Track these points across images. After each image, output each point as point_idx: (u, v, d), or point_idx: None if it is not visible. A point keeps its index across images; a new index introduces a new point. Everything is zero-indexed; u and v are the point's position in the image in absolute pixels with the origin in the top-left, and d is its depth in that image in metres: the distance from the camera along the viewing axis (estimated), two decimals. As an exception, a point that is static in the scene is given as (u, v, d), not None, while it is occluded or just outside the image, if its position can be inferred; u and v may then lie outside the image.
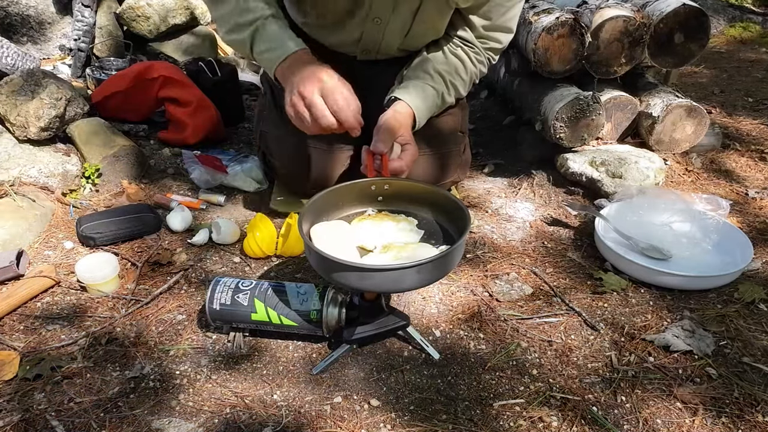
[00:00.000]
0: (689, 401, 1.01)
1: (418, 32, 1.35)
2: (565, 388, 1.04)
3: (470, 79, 1.43)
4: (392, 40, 1.36)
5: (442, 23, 1.35)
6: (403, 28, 1.33)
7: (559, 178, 1.75)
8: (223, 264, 1.36)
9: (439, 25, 1.35)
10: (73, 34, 2.43)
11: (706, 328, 1.17)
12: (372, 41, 1.37)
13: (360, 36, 1.36)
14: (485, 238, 1.49)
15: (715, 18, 3.67)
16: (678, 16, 1.70)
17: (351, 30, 1.35)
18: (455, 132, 1.52)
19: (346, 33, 1.36)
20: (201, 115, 1.83)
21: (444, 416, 0.98)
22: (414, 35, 1.36)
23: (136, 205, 1.51)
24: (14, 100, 1.55)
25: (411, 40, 1.38)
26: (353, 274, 0.90)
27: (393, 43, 1.38)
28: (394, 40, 1.36)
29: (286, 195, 1.60)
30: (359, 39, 1.37)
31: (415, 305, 1.24)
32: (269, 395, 1.01)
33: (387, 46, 1.39)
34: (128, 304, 1.21)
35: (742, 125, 2.17)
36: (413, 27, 1.33)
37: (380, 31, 1.34)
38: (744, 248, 1.33)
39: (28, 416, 0.95)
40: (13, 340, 1.12)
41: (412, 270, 0.88)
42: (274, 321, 1.08)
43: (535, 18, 1.75)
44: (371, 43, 1.38)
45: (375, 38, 1.36)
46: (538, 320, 1.20)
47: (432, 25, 1.35)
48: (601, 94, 1.79)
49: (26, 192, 1.49)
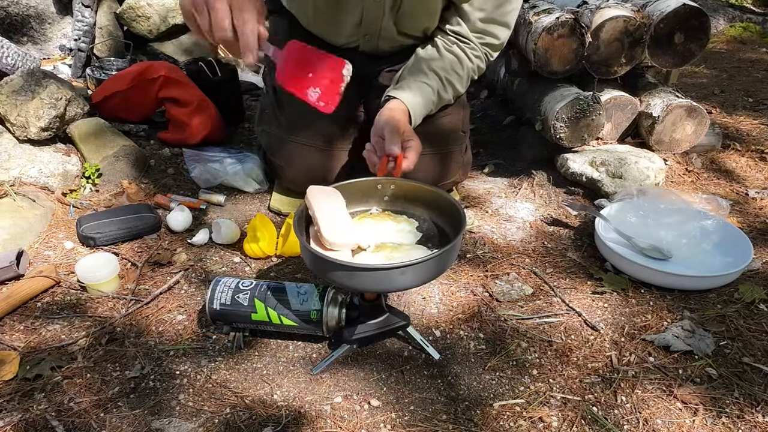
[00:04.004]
0: (689, 401, 1.01)
1: (408, 7, 1.34)
2: (565, 388, 1.04)
3: (468, 76, 1.43)
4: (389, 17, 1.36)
5: (433, 3, 1.34)
6: (395, 3, 1.32)
7: (559, 178, 1.75)
8: (223, 264, 1.36)
9: (431, 5, 1.34)
10: (74, 34, 2.43)
11: (707, 328, 1.17)
12: (372, 21, 1.37)
13: (360, 18, 1.36)
14: (485, 238, 1.49)
15: (715, 18, 3.67)
16: (678, 16, 1.70)
17: (351, 11, 1.34)
18: (456, 132, 1.52)
19: (346, 15, 1.36)
20: (201, 115, 1.83)
21: (444, 416, 0.98)
22: (405, 11, 1.34)
23: (136, 205, 1.51)
24: (14, 100, 1.55)
25: (404, 18, 1.37)
26: (342, 273, 0.90)
27: (391, 22, 1.37)
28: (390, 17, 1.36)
29: (287, 194, 1.61)
30: (360, 21, 1.37)
31: (415, 305, 1.24)
32: (269, 395, 1.01)
33: (387, 26, 1.38)
34: (128, 304, 1.21)
35: (742, 125, 2.17)
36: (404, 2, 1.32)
37: (380, 8, 1.33)
38: (744, 248, 1.33)
39: (28, 416, 0.95)
40: (13, 340, 1.12)
41: (398, 271, 0.88)
42: (274, 321, 1.08)
43: (535, 18, 1.75)
44: (372, 24, 1.38)
45: (375, 16, 1.35)
46: (538, 320, 1.20)
47: (423, 3, 1.34)
48: (601, 94, 1.79)
49: (26, 192, 1.49)
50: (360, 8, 1.34)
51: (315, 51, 0.94)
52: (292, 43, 0.94)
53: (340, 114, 1.47)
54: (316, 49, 0.94)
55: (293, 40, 0.95)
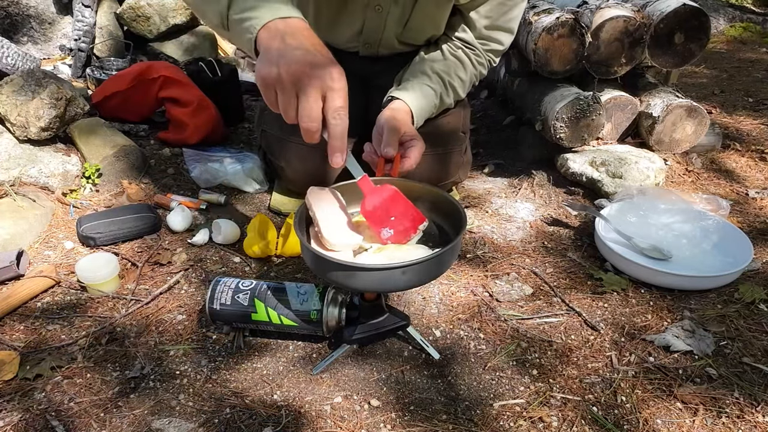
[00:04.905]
0: (689, 401, 1.01)
1: (416, 23, 1.35)
2: (565, 388, 1.04)
3: (470, 81, 1.43)
4: (393, 30, 1.36)
5: (440, 16, 1.35)
6: (402, 17, 1.33)
7: (559, 178, 1.75)
8: (223, 264, 1.36)
9: (438, 18, 1.35)
10: (74, 34, 2.44)
11: (707, 328, 1.17)
12: (373, 32, 1.37)
13: (361, 27, 1.36)
14: (485, 238, 1.49)
15: (715, 18, 3.67)
16: (678, 16, 1.70)
17: (352, 21, 1.35)
18: (457, 132, 1.52)
19: (347, 25, 1.36)
20: (201, 115, 1.83)
21: (444, 416, 0.98)
22: (412, 26, 1.35)
23: (136, 205, 1.51)
24: (14, 100, 1.55)
25: (410, 32, 1.37)
26: (342, 273, 0.90)
27: (393, 34, 1.38)
28: (394, 30, 1.36)
29: (287, 194, 1.61)
30: (360, 31, 1.37)
31: (415, 305, 1.24)
32: (269, 395, 1.01)
33: (388, 38, 1.39)
34: (128, 304, 1.21)
35: (742, 125, 2.17)
36: (412, 17, 1.33)
37: (381, 20, 1.34)
38: (744, 248, 1.33)
39: (28, 416, 0.95)
40: (13, 340, 1.12)
41: (398, 271, 0.88)
42: (274, 321, 1.08)
43: (535, 18, 1.75)
44: (373, 35, 1.38)
45: (376, 28, 1.36)
46: (538, 320, 1.20)
47: (431, 18, 1.34)
48: (602, 94, 1.79)
49: (26, 192, 1.49)
50: (361, 19, 1.34)
51: (404, 200, 1.01)
52: (388, 187, 1.00)
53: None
54: (406, 200, 1.01)
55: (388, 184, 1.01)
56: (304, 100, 0.79)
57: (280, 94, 0.80)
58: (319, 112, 0.80)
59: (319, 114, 0.80)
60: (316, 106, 0.79)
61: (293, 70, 0.78)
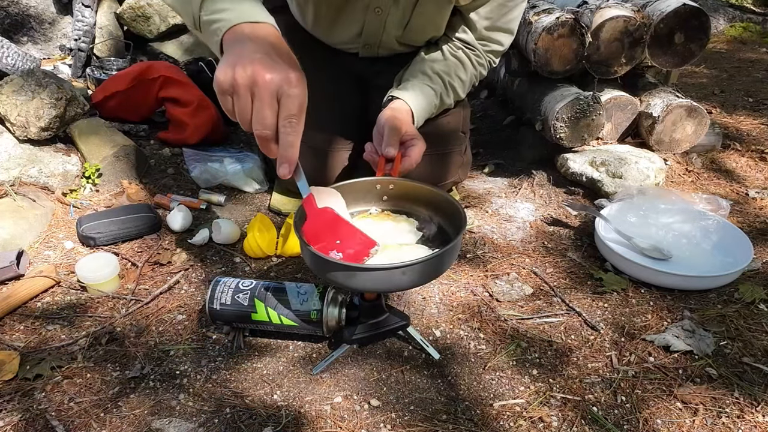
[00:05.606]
0: (689, 401, 1.01)
1: (417, 25, 1.35)
2: (565, 388, 1.04)
3: (470, 81, 1.43)
4: (392, 32, 1.36)
5: (440, 18, 1.35)
6: (402, 19, 1.33)
7: (559, 178, 1.75)
8: (223, 264, 1.36)
9: (438, 20, 1.35)
10: (74, 34, 2.44)
11: (707, 328, 1.17)
12: (373, 34, 1.37)
13: (361, 29, 1.36)
14: (485, 238, 1.49)
15: (715, 18, 3.67)
16: (678, 16, 1.70)
17: (352, 23, 1.35)
18: (457, 132, 1.52)
19: (346, 26, 1.36)
20: (201, 115, 1.83)
21: (444, 416, 0.98)
22: (413, 28, 1.35)
23: (136, 205, 1.51)
24: (14, 100, 1.55)
25: (410, 33, 1.37)
26: (342, 273, 0.90)
27: (393, 36, 1.38)
28: (394, 32, 1.36)
29: (286, 194, 1.61)
30: (360, 32, 1.37)
31: (415, 305, 1.24)
32: (269, 395, 1.01)
33: (388, 39, 1.39)
34: (128, 304, 1.21)
35: (742, 125, 2.16)
36: (412, 19, 1.33)
37: (381, 22, 1.33)
38: (744, 248, 1.33)
39: (28, 416, 0.95)
40: (13, 340, 1.12)
41: (398, 271, 0.88)
42: (274, 321, 1.08)
43: (535, 18, 1.75)
44: (372, 36, 1.38)
45: (376, 30, 1.36)
46: (538, 320, 1.20)
47: (431, 20, 1.34)
48: (602, 94, 1.79)
49: (26, 192, 1.49)
50: (361, 22, 1.34)
51: (348, 225, 0.98)
52: (327, 211, 0.96)
53: (340, 114, 1.47)
54: (349, 223, 0.98)
55: (328, 207, 0.96)
56: (258, 105, 0.75)
57: (236, 98, 0.76)
58: (273, 119, 0.76)
59: (273, 121, 0.77)
60: (270, 112, 0.76)
61: (249, 73, 0.74)
